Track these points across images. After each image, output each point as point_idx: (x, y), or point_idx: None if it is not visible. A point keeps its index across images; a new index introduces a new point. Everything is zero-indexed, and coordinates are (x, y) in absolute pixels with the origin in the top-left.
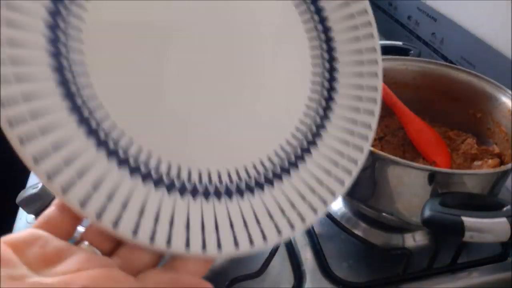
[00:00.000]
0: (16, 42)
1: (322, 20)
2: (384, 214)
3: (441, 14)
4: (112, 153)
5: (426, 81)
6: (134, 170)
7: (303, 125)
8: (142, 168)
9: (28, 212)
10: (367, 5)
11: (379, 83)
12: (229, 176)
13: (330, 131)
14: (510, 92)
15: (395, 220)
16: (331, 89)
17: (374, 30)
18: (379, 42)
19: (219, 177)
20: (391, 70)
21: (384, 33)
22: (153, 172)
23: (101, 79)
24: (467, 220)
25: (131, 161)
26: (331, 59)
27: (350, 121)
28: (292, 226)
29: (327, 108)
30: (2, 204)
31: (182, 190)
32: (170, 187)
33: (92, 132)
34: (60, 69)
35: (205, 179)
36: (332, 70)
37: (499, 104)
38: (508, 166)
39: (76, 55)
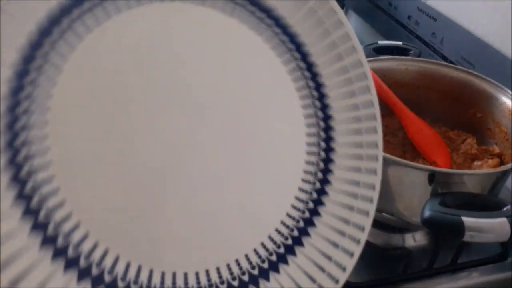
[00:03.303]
0: None
1: (314, 77)
2: (384, 214)
3: (441, 14)
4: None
5: (426, 81)
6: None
7: (300, 200)
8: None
9: None
10: (361, 56)
11: (379, 138)
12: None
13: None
14: (510, 92)
15: (395, 220)
16: (328, 149)
17: (370, 82)
18: (376, 98)
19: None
20: (391, 70)
21: (384, 33)
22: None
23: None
24: (467, 220)
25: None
26: (326, 117)
27: (351, 183)
28: None
29: (326, 171)
30: None
31: None
32: None
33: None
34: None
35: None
36: (328, 129)
37: (499, 104)
38: (508, 166)
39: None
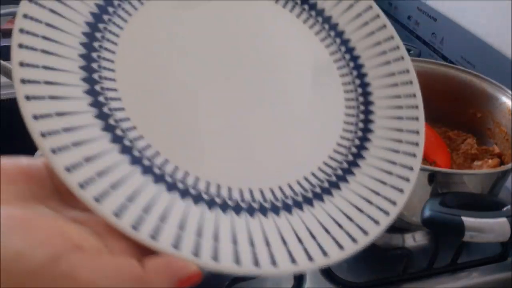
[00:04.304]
0: (51, 68)
1: (354, 59)
2: None
3: (441, 14)
4: (147, 170)
5: (426, 81)
6: (172, 187)
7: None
8: (180, 185)
9: None
10: (393, 32)
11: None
12: (273, 193)
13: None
14: (510, 92)
15: (395, 220)
16: (367, 122)
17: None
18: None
19: (263, 194)
20: None
21: None
22: (192, 190)
23: (135, 108)
24: (467, 220)
25: (171, 179)
26: (366, 98)
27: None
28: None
29: (361, 146)
30: None
31: (224, 207)
32: (210, 203)
33: (126, 150)
34: (93, 94)
35: (248, 196)
36: (367, 108)
37: (499, 104)
38: (508, 166)
39: (108, 82)
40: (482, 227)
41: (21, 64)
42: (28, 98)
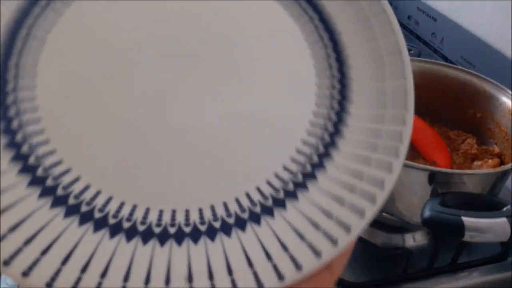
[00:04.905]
0: None
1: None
2: (384, 214)
3: (441, 14)
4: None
5: (426, 81)
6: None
7: (310, 138)
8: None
9: None
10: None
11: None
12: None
13: (343, 149)
14: (510, 92)
15: (395, 220)
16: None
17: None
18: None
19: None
20: None
21: None
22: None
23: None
24: (467, 220)
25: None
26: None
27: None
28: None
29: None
30: None
31: (163, 237)
32: (146, 235)
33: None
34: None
35: (182, 219)
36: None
37: (499, 104)
38: (508, 166)
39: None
40: (482, 227)
41: None
42: None
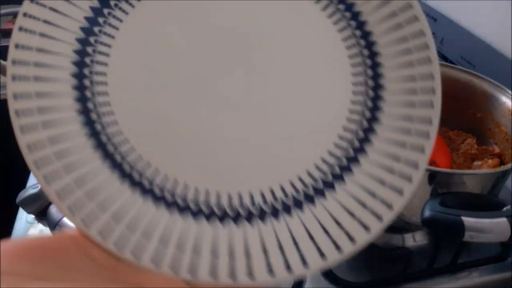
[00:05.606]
0: (43, 93)
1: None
2: None
3: (441, 14)
4: (136, 184)
5: None
6: (159, 199)
7: (347, 132)
8: (168, 197)
9: (28, 212)
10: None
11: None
12: (273, 194)
13: (379, 139)
14: (510, 92)
15: (395, 220)
16: (376, 97)
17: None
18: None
19: (252, 198)
20: None
21: None
22: (181, 201)
23: (124, 116)
24: (467, 220)
25: (162, 193)
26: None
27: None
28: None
29: (372, 119)
30: (2, 204)
31: (223, 217)
32: (209, 216)
33: (116, 165)
34: (85, 112)
35: (237, 202)
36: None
37: (499, 104)
38: (508, 166)
39: (100, 97)
40: (482, 227)
41: (13, 77)
42: (17, 113)
